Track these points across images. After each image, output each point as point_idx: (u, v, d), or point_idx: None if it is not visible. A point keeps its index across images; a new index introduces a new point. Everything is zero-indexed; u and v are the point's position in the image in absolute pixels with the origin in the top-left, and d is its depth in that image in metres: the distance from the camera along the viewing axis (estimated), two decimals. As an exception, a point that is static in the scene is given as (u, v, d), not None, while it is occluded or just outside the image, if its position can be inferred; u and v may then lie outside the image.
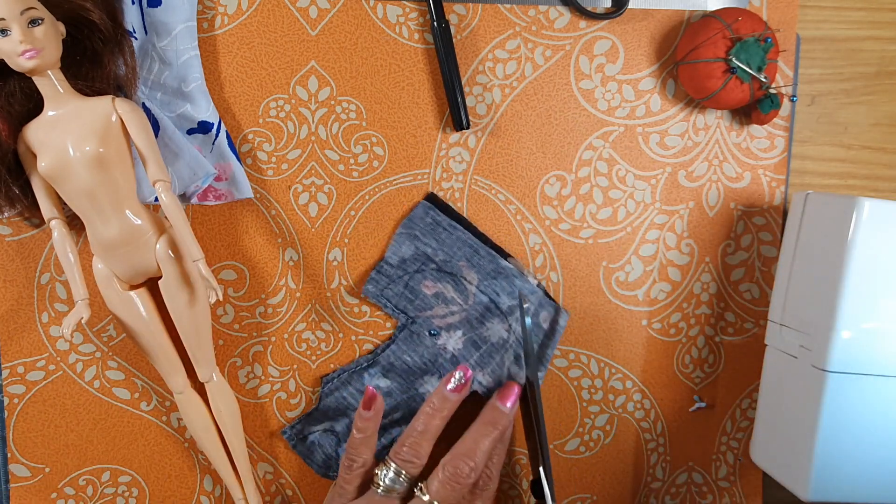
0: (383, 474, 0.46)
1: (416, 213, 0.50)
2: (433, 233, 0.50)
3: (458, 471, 0.45)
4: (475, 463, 0.45)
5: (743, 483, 0.55)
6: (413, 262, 0.50)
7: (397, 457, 0.46)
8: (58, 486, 0.51)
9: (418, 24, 0.50)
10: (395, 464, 0.46)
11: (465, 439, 0.46)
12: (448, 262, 0.50)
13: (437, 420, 0.47)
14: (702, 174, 0.52)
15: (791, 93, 0.52)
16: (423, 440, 0.46)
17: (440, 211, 0.50)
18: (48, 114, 0.42)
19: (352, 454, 0.47)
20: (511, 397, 0.48)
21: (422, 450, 0.46)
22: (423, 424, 0.47)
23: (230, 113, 0.49)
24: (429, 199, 0.50)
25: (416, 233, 0.50)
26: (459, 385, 0.47)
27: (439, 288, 0.50)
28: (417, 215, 0.50)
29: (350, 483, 0.47)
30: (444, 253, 0.50)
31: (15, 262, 0.49)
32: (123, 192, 0.43)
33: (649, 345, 0.54)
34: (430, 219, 0.50)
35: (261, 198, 0.50)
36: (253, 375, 0.52)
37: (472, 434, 0.47)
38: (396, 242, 0.50)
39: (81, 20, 0.42)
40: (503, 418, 0.47)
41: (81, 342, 0.50)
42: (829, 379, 0.44)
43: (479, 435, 0.46)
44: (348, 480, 0.47)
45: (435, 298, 0.50)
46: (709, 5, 0.51)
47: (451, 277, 0.50)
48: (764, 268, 0.54)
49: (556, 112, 0.51)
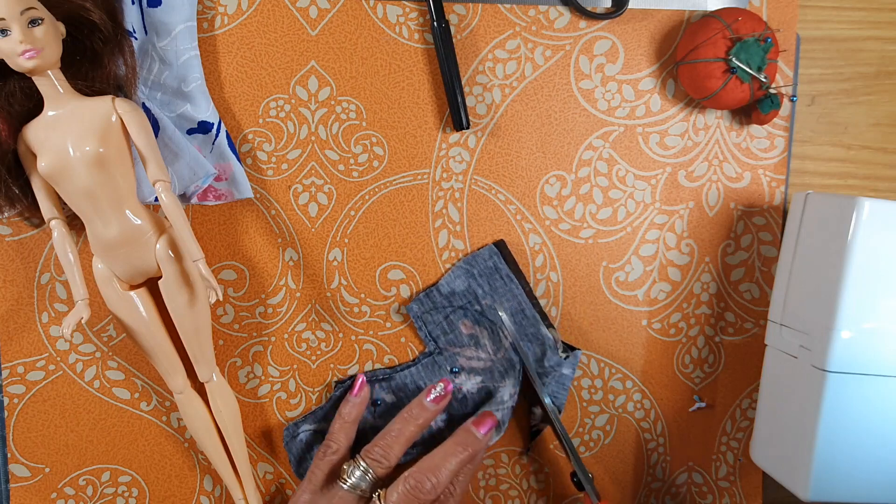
0: (351, 470, 0.46)
1: (480, 253, 0.51)
2: (489, 277, 0.51)
3: (419, 485, 0.44)
4: (437, 480, 0.45)
5: (743, 483, 0.55)
6: (461, 297, 0.51)
7: (368, 455, 0.46)
8: (58, 486, 0.51)
9: (418, 24, 0.50)
10: (365, 462, 0.46)
11: (433, 455, 0.46)
12: (493, 309, 0.51)
13: (413, 427, 0.47)
14: (702, 174, 0.53)
15: (791, 93, 0.52)
16: (396, 444, 0.47)
17: (503, 259, 0.51)
18: (48, 114, 0.42)
19: (330, 441, 0.48)
20: (486, 425, 0.48)
21: (392, 452, 0.46)
22: (398, 430, 0.47)
23: (230, 113, 0.49)
24: (498, 245, 0.51)
25: (474, 271, 0.51)
26: (439, 397, 0.48)
27: (476, 331, 0.51)
28: (481, 255, 0.51)
29: (321, 469, 0.47)
30: (492, 299, 0.51)
31: (15, 262, 0.49)
32: (123, 192, 0.43)
33: (649, 345, 0.54)
34: (491, 263, 0.51)
35: (261, 198, 0.50)
36: (253, 375, 0.52)
37: (441, 452, 0.46)
38: (453, 274, 0.51)
39: (81, 20, 0.42)
40: (475, 443, 0.47)
41: (81, 342, 0.50)
42: (829, 379, 0.44)
43: (448, 454, 0.46)
44: (320, 467, 0.47)
45: (469, 339, 0.51)
46: (709, 5, 0.51)
47: (490, 324, 0.51)
48: (764, 268, 0.54)
49: (556, 112, 0.51)
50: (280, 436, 0.52)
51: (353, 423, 0.49)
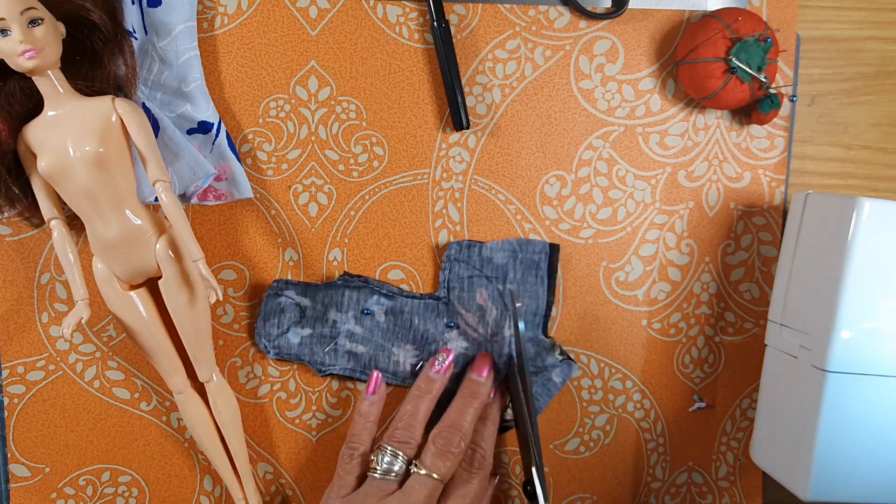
0: (380, 458, 0.46)
1: (533, 243, 0.51)
2: (527, 268, 0.51)
3: (448, 441, 0.46)
4: (462, 432, 0.47)
5: (743, 483, 0.55)
6: (494, 269, 0.51)
7: (392, 440, 0.47)
8: (58, 486, 0.51)
9: (418, 24, 0.50)
10: (391, 447, 0.46)
11: (448, 412, 0.48)
12: (510, 296, 0.51)
13: (426, 402, 0.48)
14: (702, 174, 0.52)
15: (791, 93, 0.52)
16: (415, 421, 0.47)
17: (548, 260, 0.51)
18: (48, 114, 0.42)
19: (353, 443, 0.48)
20: (485, 367, 0.49)
21: (415, 430, 0.47)
22: (413, 406, 0.48)
23: (230, 113, 0.49)
24: (552, 247, 0.51)
25: (518, 255, 0.51)
26: (444, 367, 0.49)
27: (487, 305, 0.51)
28: (532, 246, 0.51)
29: (350, 473, 0.47)
30: (516, 287, 0.51)
31: (15, 262, 0.49)
32: (123, 192, 0.43)
33: (649, 345, 0.54)
34: (536, 257, 0.51)
35: (261, 198, 0.50)
36: (253, 375, 0.52)
37: (455, 407, 0.48)
38: (499, 246, 0.51)
39: (81, 20, 0.42)
40: (481, 388, 0.49)
41: (81, 342, 0.50)
42: (829, 379, 0.44)
43: (462, 406, 0.48)
44: (348, 471, 0.47)
45: (477, 308, 0.51)
46: (709, 5, 0.51)
47: (502, 307, 0.51)
48: (764, 268, 0.54)
49: (556, 112, 0.51)
50: (281, 435, 0.52)
51: (374, 422, 0.49)
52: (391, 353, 0.51)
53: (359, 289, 0.50)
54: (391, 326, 0.51)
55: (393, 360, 0.51)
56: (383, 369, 0.51)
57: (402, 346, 0.51)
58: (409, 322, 0.51)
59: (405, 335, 0.51)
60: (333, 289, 0.50)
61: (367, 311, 0.51)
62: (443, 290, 0.51)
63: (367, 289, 0.50)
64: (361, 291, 0.50)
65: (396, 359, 0.51)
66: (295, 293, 0.50)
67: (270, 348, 0.50)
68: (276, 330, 0.50)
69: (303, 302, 0.50)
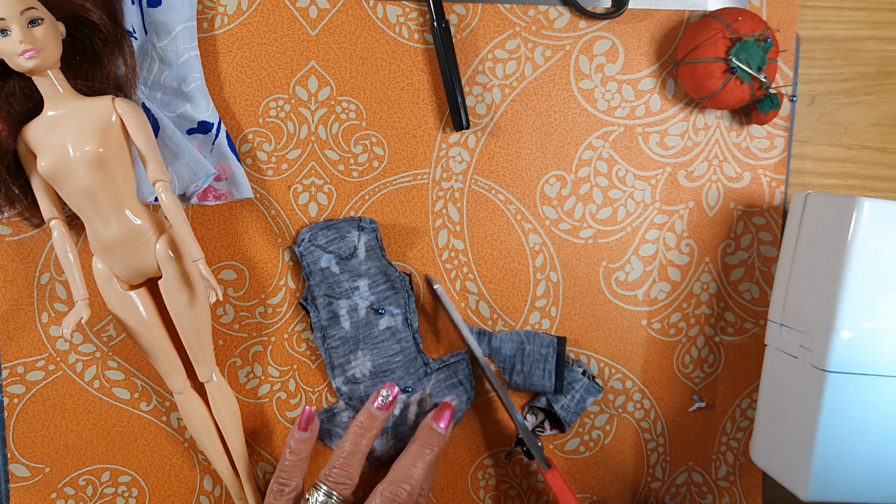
0: (314, 498, 0.45)
1: (541, 338, 0.51)
2: (534, 362, 0.51)
3: (395, 497, 0.44)
4: (412, 487, 0.44)
5: (743, 483, 0.55)
6: (501, 360, 0.51)
7: (328, 479, 0.45)
8: (58, 486, 0.51)
9: (418, 24, 0.50)
10: (326, 486, 0.45)
11: (400, 463, 0.46)
12: (516, 386, 0.52)
13: (366, 439, 0.46)
14: (702, 174, 0.53)
15: (791, 93, 0.52)
16: (353, 460, 0.46)
17: (556, 354, 0.51)
18: (48, 114, 0.42)
19: (283, 479, 0.46)
20: (445, 418, 0.48)
21: (352, 470, 0.45)
22: (352, 444, 0.46)
23: (230, 113, 0.49)
24: (560, 340, 0.51)
25: (526, 348, 0.51)
26: (387, 402, 0.47)
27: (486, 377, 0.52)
28: (540, 340, 0.51)
29: None
30: (522, 379, 0.51)
31: (15, 262, 0.49)
32: (123, 192, 0.43)
33: (649, 345, 0.54)
34: (544, 351, 0.51)
35: (261, 198, 0.50)
36: (253, 375, 0.52)
37: (409, 457, 0.46)
38: (510, 338, 0.52)
39: (81, 20, 0.42)
40: (439, 440, 0.47)
41: (81, 342, 0.50)
42: (829, 379, 0.44)
43: (416, 457, 0.46)
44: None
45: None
46: (709, 5, 0.51)
47: (503, 394, 0.51)
48: (764, 268, 0.54)
49: (556, 112, 0.51)
50: (281, 435, 0.52)
51: (305, 458, 0.47)
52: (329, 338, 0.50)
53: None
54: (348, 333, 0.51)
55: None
56: None
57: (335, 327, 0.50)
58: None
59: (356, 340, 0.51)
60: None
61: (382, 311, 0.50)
62: (452, 357, 0.51)
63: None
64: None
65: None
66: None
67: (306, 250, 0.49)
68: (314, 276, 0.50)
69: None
